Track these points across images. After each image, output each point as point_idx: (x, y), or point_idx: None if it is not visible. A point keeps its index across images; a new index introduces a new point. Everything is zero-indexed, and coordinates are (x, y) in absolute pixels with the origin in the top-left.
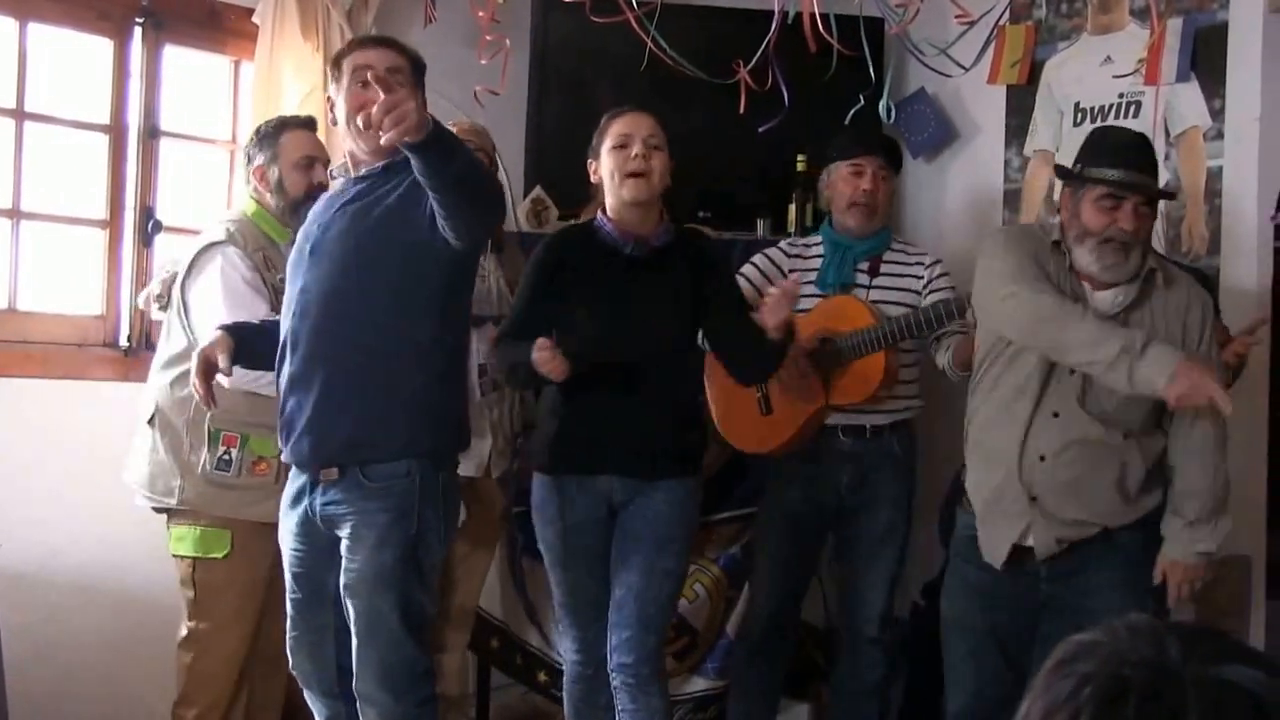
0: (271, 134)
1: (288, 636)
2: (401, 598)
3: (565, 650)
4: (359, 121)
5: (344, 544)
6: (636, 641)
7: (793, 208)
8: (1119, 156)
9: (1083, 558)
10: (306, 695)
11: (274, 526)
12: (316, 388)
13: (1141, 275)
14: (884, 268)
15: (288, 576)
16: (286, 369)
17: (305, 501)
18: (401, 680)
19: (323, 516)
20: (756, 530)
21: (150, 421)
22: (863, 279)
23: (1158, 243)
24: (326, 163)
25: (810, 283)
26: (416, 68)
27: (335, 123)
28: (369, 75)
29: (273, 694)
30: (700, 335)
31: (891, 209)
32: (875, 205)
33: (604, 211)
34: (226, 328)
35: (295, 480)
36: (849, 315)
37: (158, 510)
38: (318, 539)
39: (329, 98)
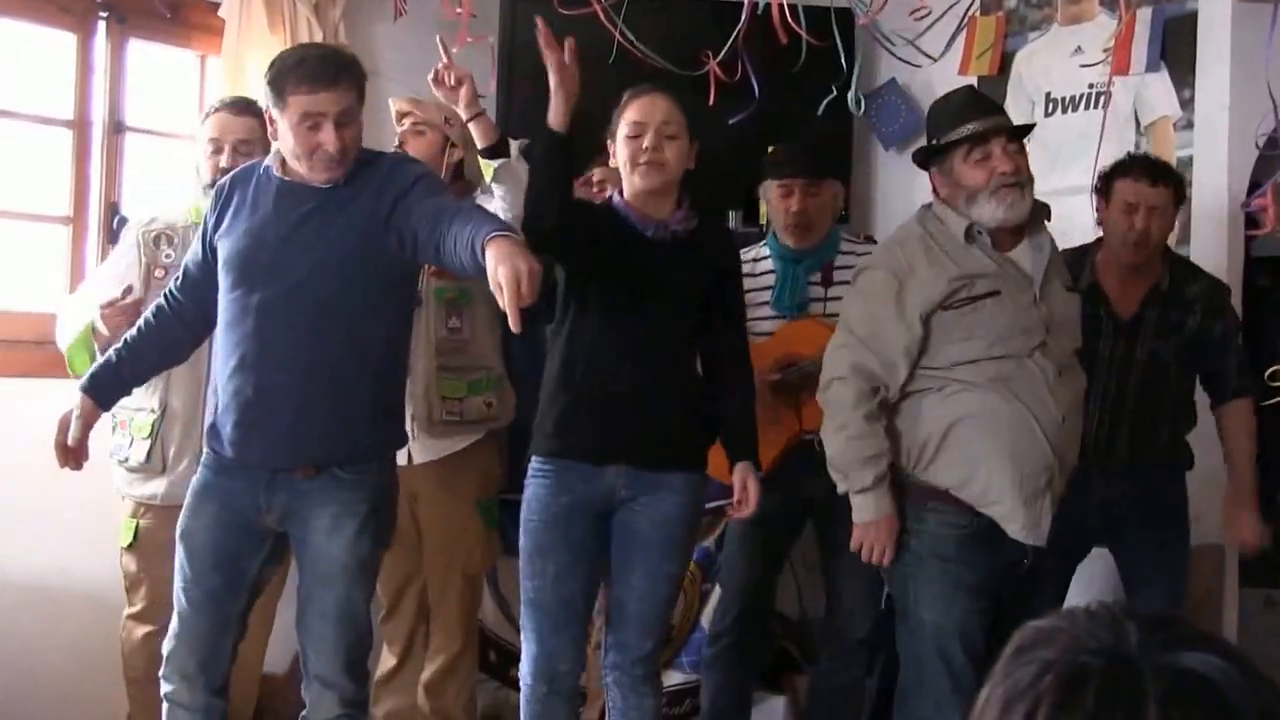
0: (204, 119)
1: (177, 632)
2: (370, 586)
3: (523, 660)
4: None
5: (315, 535)
6: (634, 644)
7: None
8: (966, 113)
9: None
10: (173, 703)
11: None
12: (295, 395)
13: (1044, 221)
14: (836, 274)
15: (190, 567)
16: (246, 376)
17: (246, 497)
18: (360, 666)
19: (285, 511)
20: (728, 529)
21: None
22: (817, 291)
23: None
24: (239, 146)
25: (765, 303)
26: (361, 88)
27: (276, 138)
28: (324, 124)
29: (244, 693)
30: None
31: (839, 208)
32: (808, 224)
33: (621, 195)
34: (85, 388)
35: (226, 475)
36: (812, 338)
37: None
38: (246, 528)
39: (268, 110)
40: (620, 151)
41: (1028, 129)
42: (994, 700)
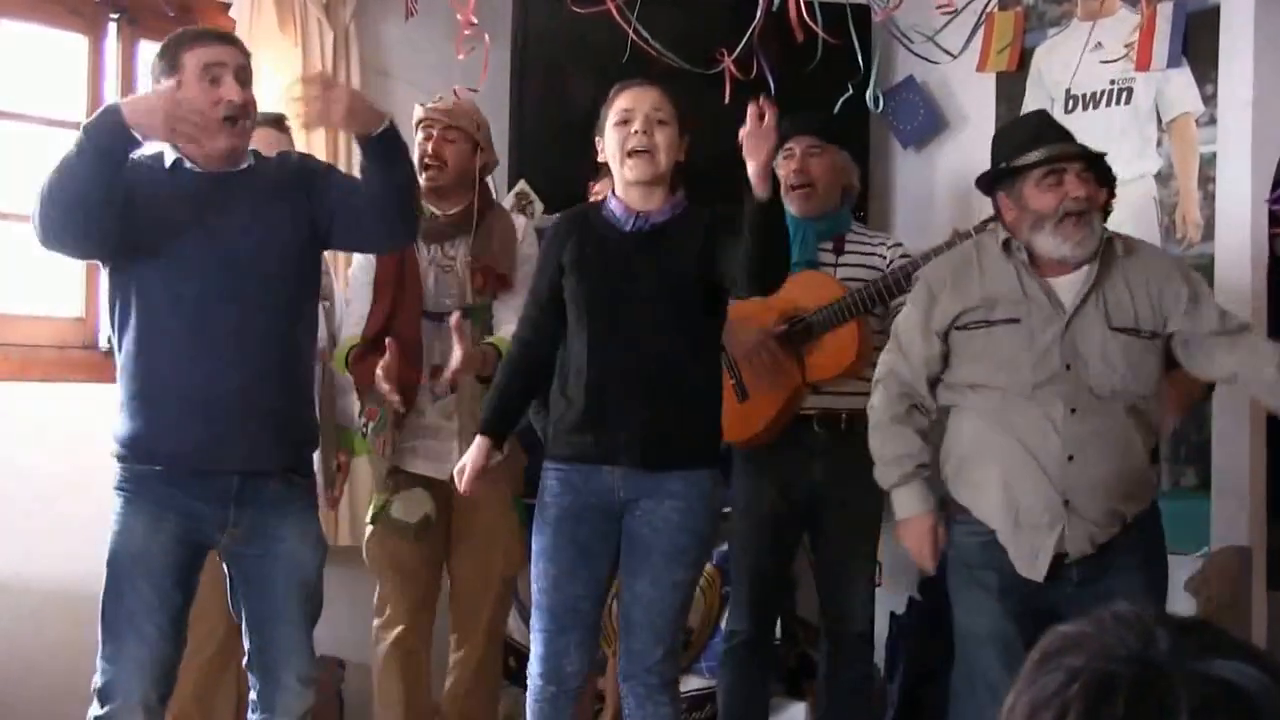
0: None
1: (139, 663)
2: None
3: (531, 659)
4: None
5: (287, 542)
6: (645, 652)
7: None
8: (1041, 137)
9: (1110, 555)
10: None
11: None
12: (271, 387)
13: (1099, 252)
14: (849, 246)
15: (152, 592)
16: (221, 373)
17: (209, 513)
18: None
19: (253, 525)
20: (732, 531)
21: None
22: (828, 257)
23: (1154, 231)
24: None
25: None
26: (251, 73)
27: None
28: (224, 75)
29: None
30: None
31: (853, 189)
32: (810, 183)
33: (614, 190)
34: None
35: (182, 490)
36: (816, 289)
37: None
38: (202, 546)
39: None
40: (609, 142)
41: (1101, 155)
42: (1020, 708)
